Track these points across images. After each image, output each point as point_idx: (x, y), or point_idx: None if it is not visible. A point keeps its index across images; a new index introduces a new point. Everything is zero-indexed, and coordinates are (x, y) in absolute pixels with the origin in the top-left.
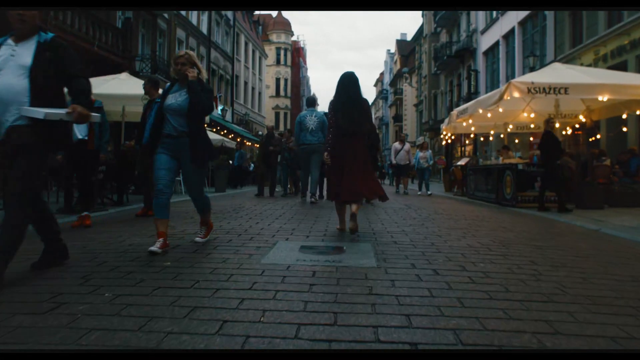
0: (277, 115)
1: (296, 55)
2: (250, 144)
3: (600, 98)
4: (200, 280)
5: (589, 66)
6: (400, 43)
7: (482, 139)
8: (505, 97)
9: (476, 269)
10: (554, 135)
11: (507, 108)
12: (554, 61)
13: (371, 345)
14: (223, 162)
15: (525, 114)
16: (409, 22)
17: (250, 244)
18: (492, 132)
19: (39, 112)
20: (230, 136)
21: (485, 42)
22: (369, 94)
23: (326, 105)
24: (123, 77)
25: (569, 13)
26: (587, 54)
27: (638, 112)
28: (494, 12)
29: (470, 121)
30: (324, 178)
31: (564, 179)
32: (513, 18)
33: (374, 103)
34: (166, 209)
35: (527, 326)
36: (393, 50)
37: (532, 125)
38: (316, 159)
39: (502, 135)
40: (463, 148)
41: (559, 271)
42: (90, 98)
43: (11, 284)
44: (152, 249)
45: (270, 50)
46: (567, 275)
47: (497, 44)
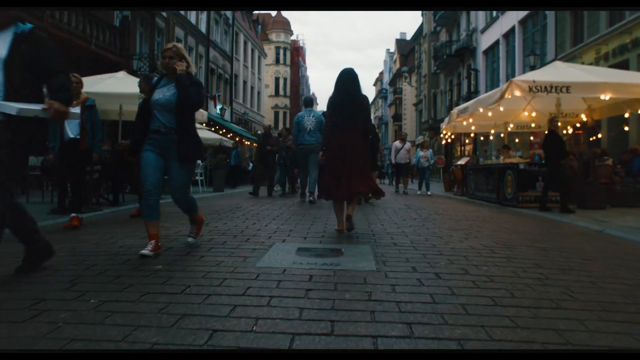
0: (276, 114)
1: (295, 54)
2: (249, 143)
3: (602, 97)
4: (191, 285)
5: (590, 65)
6: (400, 42)
7: (482, 138)
8: (506, 95)
9: (480, 273)
10: (558, 134)
11: (508, 107)
12: (555, 60)
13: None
14: (221, 161)
15: (526, 113)
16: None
17: (246, 245)
18: (492, 132)
19: (12, 107)
20: (229, 135)
21: (485, 41)
22: (369, 93)
23: (326, 105)
24: (120, 76)
25: (570, 12)
26: (588, 53)
27: None
28: (494, 11)
29: (470, 120)
30: None
31: (566, 178)
32: (513, 17)
33: (373, 102)
34: (156, 210)
35: (536, 336)
36: (392, 49)
37: (532, 125)
38: (314, 159)
39: (502, 135)
40: (463, 147)
41: (565, 275)
42: (69, 94)
43: None
44: (143, 252)
45: (269, 50)
46: (574, 279)
47: (497, 42)
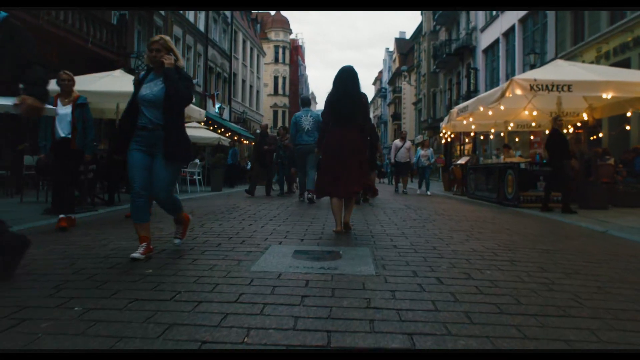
0: (275, 113)
1: (294, 53)
2: (248, 142)
3: (604, 95)
4: (182, 291)
5: (591, 64)
6: (399, 41)
7: (482, 137)
8: (507, 94)
9: (483, 277)
10: (561, 133)
11: (508, 106)
12: (555, 59)
13: None
14: (219, 160)
15: (526, 112)
16: (408, 20)
17: (241, 248)
18: (492, 131)
19: None
20: (228, 134)
21: (485, 39)
22: (368, 92)
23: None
24: (117, 74)
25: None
26: (589, 52)
27: None
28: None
29: (470, 119)
30: None
31: (568, 178)
32: (513, 15)
33: (372, 101)
34: (145, 211)
35: (546, 348)
36: (392, 48)
37: (533, 124)
38: (312, 159)
39: (502, 134)
40: (462, 147)
41: (571, 279)
42: (45, 89)
43: None
44: (133, 255)
45: (268, 49)
46: (581, 284)
47: (497, 41)
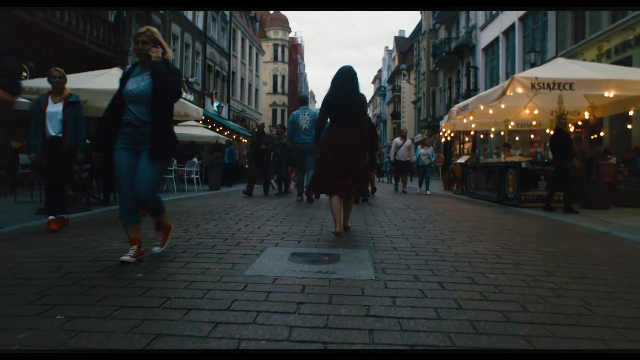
0: (274, 112)
1: (294, 52)
2: (247, 141)
3: (606, 94)
4: (171, 297)
5: (592, 62)
6: (399, 40)
7: (481, 136)
8: (508, 92)
9: (487, 282)
10: (565, 132)
11: (509, 105)
12: (556, 57)
13: None
14: (217, 159)
15: (527, 111)
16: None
17: (236, 250)
18: (492, 129)
19: None
20: (226, 133)
21: (484, 38)
22: (367, 91)
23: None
24: (113, 72)
25: None
26: (590, 50)
27: None
28: None
29: (470, 118)
30: None
31: (571, 178)
32: (513, 14)
33: (372, 100)
34: (135, 213)
35: None
36: (391, 47)
37: (533, 123)
38: (310, 159)
39: (502, 133)
40: (462, 145)
41: (579, 284)
42: (18, 81)
43: None
44: (123, 258)
45: (267, 47)
46: (589, 289)
47: (496, 40)
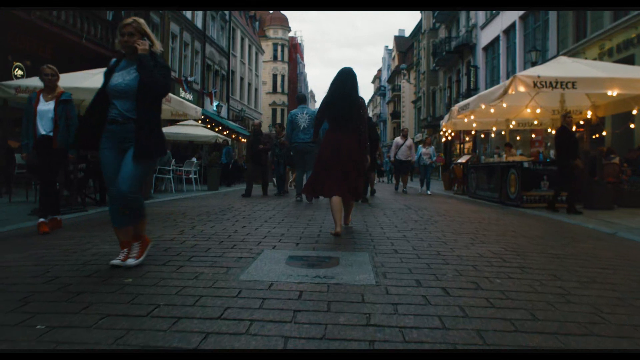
0: (274, 111)
1: (293, 51)
2: (246, 140)
3: (609, 93)
4: (161, 304)
5: (594, 61)
6: (399, 39)
7: (482, 136)
8: (510, 91)
9: (492, 287)
10: (570, 131)
11: (510, 104)
12: (557, 56)
13: None
14: (216, 159)
15: (528, 110)
16: (408, 18)
17: (231, 253)
18: (494, 129)
19: None
20: (225, 133)
21: (485, 37)
22: (367, 90)
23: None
24: None
25: None
26: (591, 49)
27: None
28: None
29: (471, 117)
30: None
31: (574, 178)
32: (514, 13)
33: (371, 100)
34: (125, 215)
35: None
36: (391, 46)
37: (535, 122)
38: (310, 159)
39: (503, 132)
40: (462, 145)
41: (588, 289)
42: None
43: None
44: (113, 262)
45: (267, 46)
46: (599, 294)
47: (497, 39)
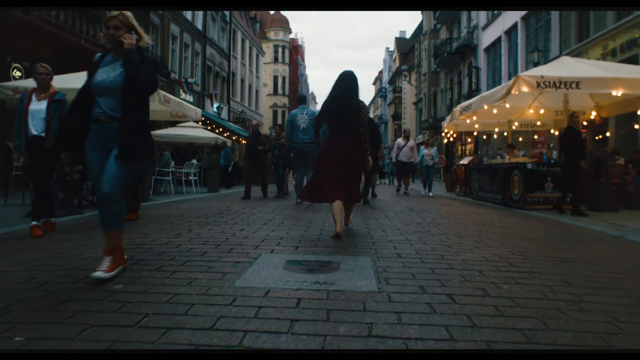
0: (274, 113)
1: (294, 53)
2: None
3: (614, 93)
4: (150, 313)
5: (598, 61)
6: (400, 41)
7: (484, 137)
8: (513, 91)
9: (500, 294)
10: (576, 131)
11: (513, 104)
12: (559, 57)
13: None
14: (216, 161)
15: (531, 111)
16: (409, 19)
17: (228, 257)
18: (496, 130)
19: None
20: (226, 134)
21: (486, 38)
22: (368, 92)
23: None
24: None
25: None
26: (594, 49)
27: None
28: None
29: (474, 118)
30: None
31: (579, 180)
32: (515, 13)
33: (372, 101)
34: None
35: None
36: (392, 48)
37: (538, 123)
38: (310, 161)
39: (505, 134)
40: (464, 146)
41: (600, 295)
42: None
43: None
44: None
45: (267, 48)
46: (612, 301)
47: (499, 39)
